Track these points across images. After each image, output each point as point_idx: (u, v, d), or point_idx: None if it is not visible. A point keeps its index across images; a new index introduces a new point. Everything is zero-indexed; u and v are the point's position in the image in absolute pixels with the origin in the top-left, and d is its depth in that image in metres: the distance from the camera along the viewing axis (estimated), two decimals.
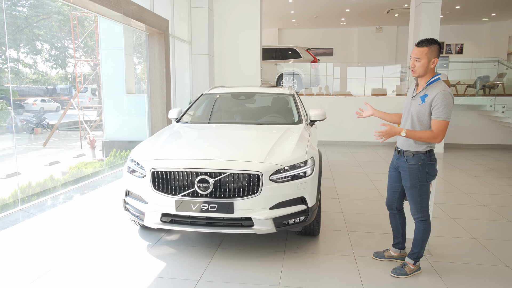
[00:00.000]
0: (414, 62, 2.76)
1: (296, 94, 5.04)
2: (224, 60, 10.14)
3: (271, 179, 3.02)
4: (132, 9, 5.76)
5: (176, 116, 4.66)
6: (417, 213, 2.88)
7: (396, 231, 3.18)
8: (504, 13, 14.10)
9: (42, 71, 12.64)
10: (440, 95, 2.64)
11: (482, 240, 3.65)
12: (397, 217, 3.14)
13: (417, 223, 2.90)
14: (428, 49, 2.70)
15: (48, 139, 10.98)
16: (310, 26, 16.60)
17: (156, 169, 3.08)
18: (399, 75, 11.73)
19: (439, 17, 9.23)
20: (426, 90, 2.75)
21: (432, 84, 2.74)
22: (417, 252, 2.92)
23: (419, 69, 2.75)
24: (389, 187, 3.12)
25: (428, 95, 2.71)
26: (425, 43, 2.71)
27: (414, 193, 2.85)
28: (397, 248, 3.19)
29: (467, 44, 16.39)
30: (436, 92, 2.67)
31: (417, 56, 2.74)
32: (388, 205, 3.16)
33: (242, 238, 3.61)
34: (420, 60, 2.73)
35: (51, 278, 2.86)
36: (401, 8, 13.16)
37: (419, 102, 2.77)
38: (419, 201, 2.85)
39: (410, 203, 2.91)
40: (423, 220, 2.87)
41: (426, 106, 2.71)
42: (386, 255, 3.22)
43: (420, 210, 2.86)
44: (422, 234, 2.88)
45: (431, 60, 2.72)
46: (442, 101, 2.63)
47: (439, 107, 2.64)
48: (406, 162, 2.85)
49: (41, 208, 4.49)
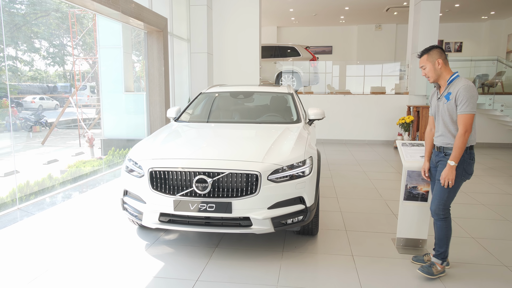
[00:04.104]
0: (423, 71, 2.93)
1: (295, 93, 5.03)
2: (223, 58, 10.12)
3: (270, 178, 3.01)
4: (130, 7, 5.74)
5: (175, 115, 4.65)
6: (438, 210, 2.86)
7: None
8: (503, 11, 14.09)
9: (40, 69, 12.60)
10: (462, 89, 2.70)
11: (481, 240, 3.65)
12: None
13: (437, 222, 2.90)
14: (427, 55, 2.88)
15: (46, 137, 10.96)
16: (309, 24, 16.57)
17: (154, 168, 3.08)
18: (398, 73, 11.72)
19: (438, 15, 9.22)
20: (448, 88, 2.83)
21: (453, 82, 2.82)
22: (443, 252, 2.91)
23: (430, 74, 2.89)
24: (432, 186, 3.10)
25: (452, 92, 2.78)
26: (423, 52, 2.91)
27: (444, 189, 2.83)
28: None
29: (466, 42, 16.38)
30: (458, 87, 2.74)
31: (421, 65, 2.92)
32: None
33: (240, 237, 3.61)
34: (425, 67, 2.89)
35: (49, 278, 2.86)
36: (400, 6, 13.14)
37: (444, 101, 2.83)
38: (445, 198, 2.84)
39: (435, 198, 2.89)
40: (443, 218, 2.87)
41: (452, 103, 2.76)
42: (425, 259, 3.14)
43: (442, 208, 2.85)
44: (445, 232, 2.88)
45: (435, 62, 2.84)
46: (464, 95, 2.68)
47: (463, 101, 2.69)
48: (445, 156, 2.85)
49: (39, 207, 4.48)
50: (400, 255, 3.30)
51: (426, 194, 3.29)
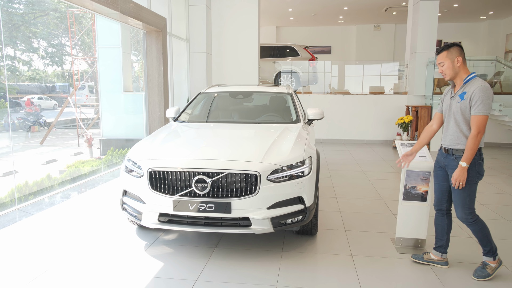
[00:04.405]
0: (440, 68, 2.87)
1: (294, 93, 5.03)
2: (222, 58, 10.12)
3: (269, 179, 3.02)
4: (129, 7, 5.73)
5: (174, 115, 4.65)
6: (464, 215, 2.82)
7: (441, 233, 3.10)
8: (501, 11, 14.11)
9: (38, 69, 12.58)
10: (478, 90, 2.67)
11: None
12: (445, 218, 3.07)
13: (470, 226, 2.86)
14: (446, 52, 2.81)
15: (45, 137, 10.94)
16: (308, 24, 16.58)
17: (153, 169, 3.07)
18: (396, 73, 11.73)
19: (437, 15, 9.23)
20: (464, 88, 2.79)
21: (469, 81, 2.78)
22: (491, 248, 2.89)
23: (447, 71, 2.83)
24: (437, 187, 3.07)
25: (467, 92, 2.75)
26: (443, 48, 2.84)
27: (462, 193, 2.80)
28: (438, 252, 3.11)
29: (465, 42, 16.40)
30: (474, 87, 2.70)
31: (439, 61, 2.86)
32: (437, 206, 3.09)
33: (239, 237, 3.61)
34: (444, 64, 2.83)
35: (49, 278, 2.85)
36: (399, 6, 13.16)
37: (458, 100, 2.80)
38: (467, 202, 2.80)
39: (457, 205, 2.84)
40: (474, 222, 2.83)
41: (466, 103, 2.73)
42: (425, 258, 3.14)
43: (468, 212, 2.81)
44: (482, 232, 2.85)
45: (454, 60, 2.79)
46: (480, 96, 2.65)
47: (477, 101, 2.66)
48: (455, 160, 2.82)
49: (38, 207, 4.47)
50: (399, 255, 3.31)
51: (425, 194, 3.29)
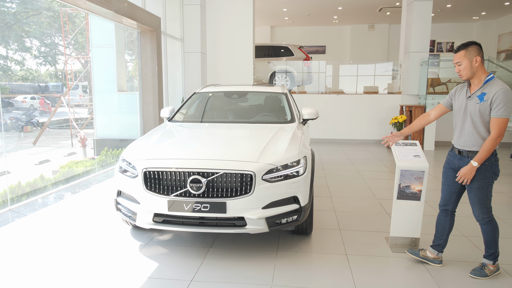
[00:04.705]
0: (457, 67, 2.80)
1: (288, 93, 5.04)
2: (217, 58, 10.10)
3: (264, 178, 3.02)
4: (123, 6, 5.70)
5: (169, 115, 4.64)
6: (482, 214, 2.85)
7: (441, 233, 3.12)
8: (494, 12, 14.25)
9: (31, 68, 12.47)
10: (500, 92, 2.63)
11: (472, 238, 3.70)
12: (448, 218, 3.08)
13: (483, 226, 2.88)
14: (465, 51, 2.74)
15: (38, 137, 10.84)
16: (302, 24, 16.60)
17: (148, 169, 3.06)
18: (390, 73, 11.80)
19: (431, 15, 9.30)
20: (483, 89, 2.74)
21: (489, 82, 2.73)
22: (494, 252, 2.91)
23: (464, 72, 2.77)
24: (446, 188, 3.07)
25: (487, 93, 2.70)
26: (461, 47, 2.76)
27: (480, 194, 2.81)
28: (435, 250, 3.14)
29: (458, 42, 16.51)
30: (496, 89, 2.66)
31: (456, 60, 2.79)
32: (443, 206, 3.10)
33: (234, 237, 3.61)
34: (461, 63, 2.76)
35: (43, 279, 2.83)
36: (393, 6, 13.23)
37: (476, 101, 2.74)
38: (485, 202, 2.83)
39: (474, 205, 2.87)
40: (489, 222, 2.86)
41: (486, 104, 2.69)
42: (421, 254, 3.17)
43: (485, 211, 2.84)
44: (492, 235, 2.87)
45: (473, 59, 2.72)
46: (503, 98, 2.62)
47: (500, 104, 2.62)
48: None
49: (31, 208, 4.44)
50: (394, 254, 3.33)
51: (419, 193, 3.32)
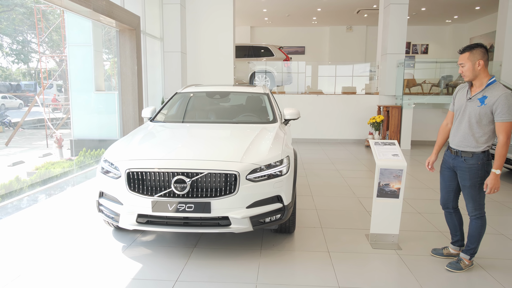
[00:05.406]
0: (461, 68, 2.87)
1: (270, 93, 5.08)
2: (197, 57, 10.05)
3: (248, 178, 3.05)
4: (101, 4, 5.60)
5: (150, 115, 4.60)
6: (474, 211, 2.95)
7: (454, 230, 3.24)
8: (465, 16, 14.81)
9: (2, 66, 12.03)
10: (503, 97, 2.68)
11: (447, 234, 3.84)
12: (453, 215, 3.19)
13: (473, 220, 2.98)
14: (469, 53, 2.80)
15: (11, 138, 10.48)
16: (282, 24, 16.73)
17: (131, 169, 3.04)
18: (368, 74, 12.07)
19: (406, 18, 9.56)
20: (484, 92, 2.79)
21: (490, 86, 2.78)
22: (473, 248, 3.01)
23: (467, 73, 2.84)
24: (444, 187, 3.17)
25: (488, 97, 2.75)
26: (466, 48, 2.83)
27: (473, 192, 2.92)
28: (456, 246, 3.24)
29: (432, 44, 17.08)
30: (498, 94, 2.71)
31: (460, 62, 2.86)
32: (443, 205, 3.21)
33: (218, 237, 3.63)
34: (465, 65, 2.83)
35: (22, 284, 2.76)
36: (370, 8, 13.53)
37: (477, 104, 2.80)
38: (478, 199, 2.93)
39: (468, 201, 2.98)
40: (480, 217, 2.96)
41: (487, 108, 2.75)
42: (445, 252, 3.27)
43: (478, 208, 2.94)
44: (479, 231, 2.97)
45: (476, 62, 2.78)
46: (505, 103, 2.67)
47: (504, 109, 2.68)
48: (465, 162, 2.90)
49: (6, 212, 4.30)
50: (374, 250, 3.43)
51: (398, 191, 3.43)
